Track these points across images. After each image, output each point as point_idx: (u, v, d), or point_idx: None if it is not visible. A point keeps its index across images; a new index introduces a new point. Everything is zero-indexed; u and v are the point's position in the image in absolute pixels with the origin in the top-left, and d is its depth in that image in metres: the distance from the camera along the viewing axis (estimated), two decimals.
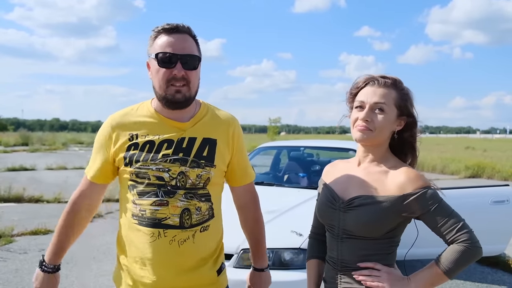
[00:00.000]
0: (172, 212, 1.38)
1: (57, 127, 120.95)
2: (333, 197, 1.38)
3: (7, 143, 28.73)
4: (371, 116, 1.30)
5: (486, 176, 13.99)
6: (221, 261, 1.53)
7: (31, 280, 3.95)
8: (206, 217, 1.44)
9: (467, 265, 1.24)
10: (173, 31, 1.37)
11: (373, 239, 1.30)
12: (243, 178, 1.60)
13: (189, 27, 1.41)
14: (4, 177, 10.76)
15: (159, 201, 1.37)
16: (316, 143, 5.94)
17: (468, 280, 4.15)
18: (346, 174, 1.41)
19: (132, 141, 1.41)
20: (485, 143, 41.75)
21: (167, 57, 1.34)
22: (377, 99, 1.30)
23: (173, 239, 1.37)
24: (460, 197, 3.73)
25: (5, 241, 5.18)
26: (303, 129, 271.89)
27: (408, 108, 1.34)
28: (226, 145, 1.50)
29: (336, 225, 1.36)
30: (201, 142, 1.44)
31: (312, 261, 1.53)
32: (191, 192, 1.41)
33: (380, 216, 1.26)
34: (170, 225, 1.37)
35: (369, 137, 1.31)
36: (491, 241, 3.73)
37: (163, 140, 1.40)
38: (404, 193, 1.26)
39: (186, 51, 1.36)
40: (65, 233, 1.49)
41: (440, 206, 1.24)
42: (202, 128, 1.46)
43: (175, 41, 1.36)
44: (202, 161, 1.43)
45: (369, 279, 1.27)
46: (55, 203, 8.00)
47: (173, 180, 1.39)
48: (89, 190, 1.50)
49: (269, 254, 2.72)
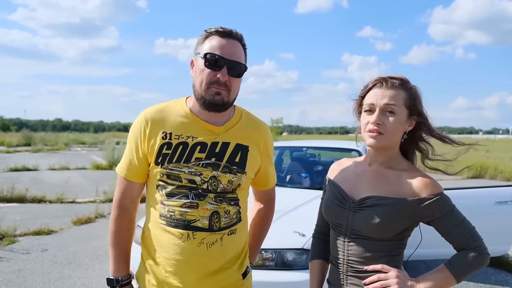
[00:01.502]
0: (201, 215, 1.38)
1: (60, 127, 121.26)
2: (342, 196, 1.37)
3: (9, 143, 28.78)
4: (382, 119, 1.28)
5: (488, 176, 13.94)
6: (246, 264, 1.53)
7: (34, 280, 3.98)
8: (234, 220, 1.45)
9: (475, 271, 1.27)
10: (226, 35, 1.37)
11: (382, 240, 1.29)
12: (266, 183, 1.64)
13: (242, 35, 1.41)
14: (7, 178, 10.79)
15: (189, 203, 1.38)
16: (318, 144, 5.93)
17: (471, 281, 4.14)
18: (356, 173, 1.40)
19: (166, 140, 1.39)
20: (488, 144, 41.59)
21: (215, 59, 1.34)
22: (387, 101, 1.28)
23: (202, 241, 1.38)
24: (463, 197, 3.72)
25: (8, 241, 5.19)
26: (305, 130, 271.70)
27: (417, 107, 1.32)
28: (258, 153, 1.50)
29: (344, 224, 1.34)
30: (234, 147, 1.44)
31: (316, 262, 1.51)
32: (221, 196, 1.41)
33: (393, 218, 1.26)
34: (199, 227, 1.38)
35: (381, 142, 1.30)
36: (494, 241, 3.70)
37: (197, 143, 1.40)
38: (419, 197, 1.26)
39: (234, 57, 1.36)
40: (124, 238, 1.47)
41: (454, 213, 1.26)
42: (235, 133, 1.46)
43: (226, 45, 1.36)
44: (234, 167, 1.43)
45: (378, 285, 1.25)
46: (57, 203, 8.02)
47: (205, 183, 1.39)
48: (129, 188, 1.46)
49: (272, 254, 2.72)
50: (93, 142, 37.16)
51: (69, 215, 6.75)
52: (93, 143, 36.32)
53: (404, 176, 1.31)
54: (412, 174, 1.31)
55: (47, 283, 3.93)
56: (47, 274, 4.16)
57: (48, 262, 4.52)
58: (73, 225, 6.21)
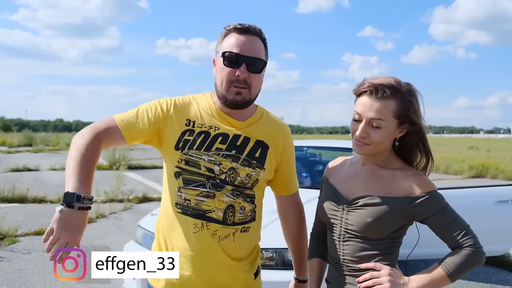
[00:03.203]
0: (217, 206, 1.38)
1: (61, 128, 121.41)
2: (336, 196, 1.37)
3: (11, 143, 28.83)
4: (367, 131, 1.27)
5: (490, 176, 13.92)
6: (257, 264, 1.54)
7: (35, 280, 3.99)
8: (249, 218, 1.45)
9: (470, 270, 1.24)
10: (244, 32, 1.37)
11: (376, 239, 1.29)
12: (286, 188, 1.59)
13: (261, 30, 1.41)
14: (8, 178, 10.80)
15: (206, 193, 1.38)
16: (319, 143, 5.93)
17: (472, 280, 4.13)
18: (350, 173, 1.40)
19: (189, 127, 1.40)
20: (489, 143, 41.57)
21: (234, 57, 1.34)
22: (373, 115, 1.25)
23: (215, 233, 1.38)
24: (464, 197, 3.72)
25: (9, 242, 5.20)
26: (306, 129, 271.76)
27: (410, 116, 1.27)
28: (276, 152, 1.50)
29: (338, 224, 1.35)
30: (254, 143, 1.45)
31: (314, 260, 1.52)
32: (238, 190, 1.41)
33: (385, 217, 1.26)
34: (214, 218, 1.38)
35: (366, 152, 1.31)
36: (495, 241, 3.71)
37: (219, 134, 1.41)
38: (411, 196, 1.25)
39: (253, 54, 1.36)
40: (92, 159, 1.26)
41: (447, 211, 1.25)
42: (257, 130, 1.47)
43: (244, 42, 1.35)
44: (254, 161, 1.44)
45: (370, 283, 1.25)
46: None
47: (223, 174, 1.39)
48: (113, 132, 1.35)
49: (272, 254, 2.73)
50: None
51: None
52: None
53: (397, 175, 1.30)
54: (405, 173, 1.30)
55: (48, 283, 3.94)
56: (48, 274, 4.16)
57: (49, 262, 4.50)
58: None
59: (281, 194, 1.61)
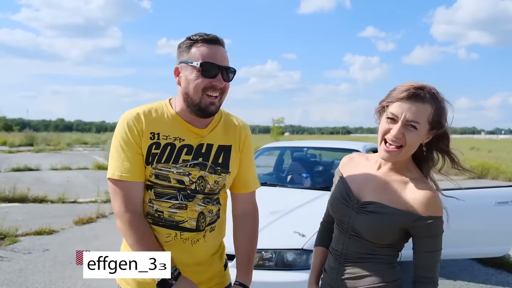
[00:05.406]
0: (190, 216, 1.41)
1: (62, 128, 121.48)
2: (348, 195, 1.40)
3: (12, 143, 28.89)
4: (403, 132, 1.26)
5: (490, 177, 13.90)
6: (224, 257, 1.60)
7: (35, 280, 3.99)
8: (215, 218, 1.49)
9: None
10: (213, 42, 1.39)
11: (379, 244, 1.33)
12: (245, 185, 1.58)
13: (223, 40, 1.44)
14: (9, 177, 10.83)
15: (178, 204, 1.40)
16: (319, 144, 5.93)
17: (472, 282, 4.12)
18: (365, 174, 1.41)
19: (154, 140, 1.40)
20: (490, 144, 41.52)
21: (211, 68, 1.36)
22: (411, 117, 1.25)
23: (187, 238, 1.42)
24: (464, 198, 3.70)
25: (9, 241, 5.20)
26: (307, 130, 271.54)
27: (441, 123, 1.29)
28: (238, 149, 1.53)
29: (346, 221, 1.38)
30: (216, 149, 1.47)
31: (319, 249, 1.57)
32: (208, 197, 1.45)
33: (389, 228, 1.29)
34: (187, 228, 1.41)
35: (398, 157, 1.29)
36: (495, 242, 3.71)
37: (184, 145, 1.42)
38: (417, 213, 1.27)
39: (227, 63, 1.40)
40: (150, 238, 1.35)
41: (437, 239, 1.27)
42: (217, 134, 1.49)
43: (217, 53, 1.38)
44: (218, 168, 1.46)
45: None
46: (59, 203, 8.03)
47: (193, 184, 1.41)
48: (132, 189, 1.36)
49: (272, 254, 2.73)
50: (95, 142, 37.25)
51: (70, 215, 6.75)
52: (95, 143, 36.40)
53: (410, 186, 1.31)
54: (418, 185, 1.30)
55: (48, 283, 3.94)
56: (48, 274, 4.17)
57: (49, 262, 4.53)
58: (75, 225, 6.22)
59: (239, 192, 1.58)
